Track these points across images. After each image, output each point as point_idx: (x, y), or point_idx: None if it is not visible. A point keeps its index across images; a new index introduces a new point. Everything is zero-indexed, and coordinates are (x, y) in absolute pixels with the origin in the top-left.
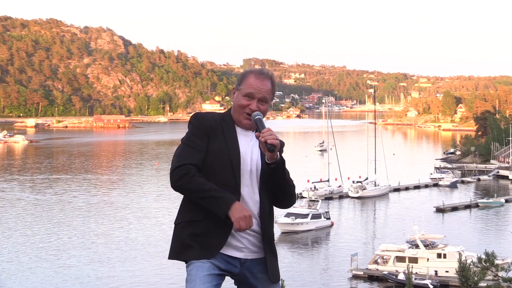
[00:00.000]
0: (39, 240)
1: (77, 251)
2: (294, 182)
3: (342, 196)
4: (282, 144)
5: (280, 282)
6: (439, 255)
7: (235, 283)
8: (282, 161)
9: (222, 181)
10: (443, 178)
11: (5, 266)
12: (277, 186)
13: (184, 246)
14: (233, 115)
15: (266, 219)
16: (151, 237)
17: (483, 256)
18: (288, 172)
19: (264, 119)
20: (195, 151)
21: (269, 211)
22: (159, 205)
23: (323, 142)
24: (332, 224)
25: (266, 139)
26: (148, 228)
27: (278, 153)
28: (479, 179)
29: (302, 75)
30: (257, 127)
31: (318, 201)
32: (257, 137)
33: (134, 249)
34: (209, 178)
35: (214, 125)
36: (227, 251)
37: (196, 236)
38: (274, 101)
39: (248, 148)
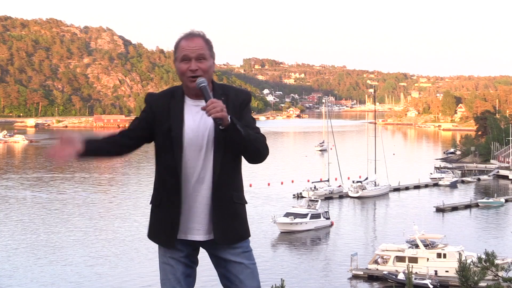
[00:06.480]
0: (38, 239)
1: (76, 250)
2: (294, 180)
3: (342, 196)
4: (247, 96)
5: (281, 282)
6: (439, 255)
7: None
8: (233, 124)
9: (168, 159)
10: (443, 178)
11: (3, 265)
12: (239, 147)
13: (151, 229)
14: (183, 85)
15: (222, 186)
16: None
17: (483, 256)
18: (250, 123)
19: (212, 85)
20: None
21: (226, 175)
22: None
23: (323, 142)
24: (331, 224)
25: (209, 113)
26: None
27: (230, 117)
28: (479, 179)
29: (302, 75)
30: (203, 96)
31: (317, 201)
32: (203, 110)
33: (133, 248)
34: (161, 160)
35: (161, 105)
36: (188, 236)
37: (156, 222)
38: (274, 100)
39: (197, 119)
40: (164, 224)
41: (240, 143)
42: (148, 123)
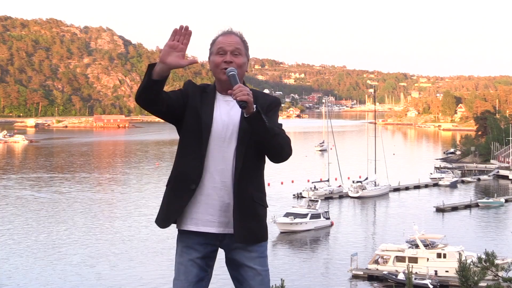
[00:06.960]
0: (38, 239)
1: (76, 250)
2: (294, 180)
3: (342, 196)
4: (276, 100)
5: (281, 282)
6: (439, 255)
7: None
8: (257, 111)
9: (191, 148)
10: (443, 178)
11: (3, 265)
12: (262, 139)
13: (159, 211)
14: (215, 81)
15: (242, 182)
16: (150, 235)
17: (483, 256)
18: (276, 124)
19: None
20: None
21: (248, 171)
22: (159, 204)
23: (323, 142)
24: (331, 224)
25: (235, 96)
26: (147, 226)
27: (255, 106)
28: (479, 179)
29: (302, 75)
30: (230, 83)
31: (317, 201)
32: (231, 95)
33: (133, 248)
34: (184, 145)
35: (195, 93)
36: (200, 227)
37: (163, 203)
38: None
39: (224, 113)
40: (170, 205)
41: (263, 134)
42: (184, 97)
